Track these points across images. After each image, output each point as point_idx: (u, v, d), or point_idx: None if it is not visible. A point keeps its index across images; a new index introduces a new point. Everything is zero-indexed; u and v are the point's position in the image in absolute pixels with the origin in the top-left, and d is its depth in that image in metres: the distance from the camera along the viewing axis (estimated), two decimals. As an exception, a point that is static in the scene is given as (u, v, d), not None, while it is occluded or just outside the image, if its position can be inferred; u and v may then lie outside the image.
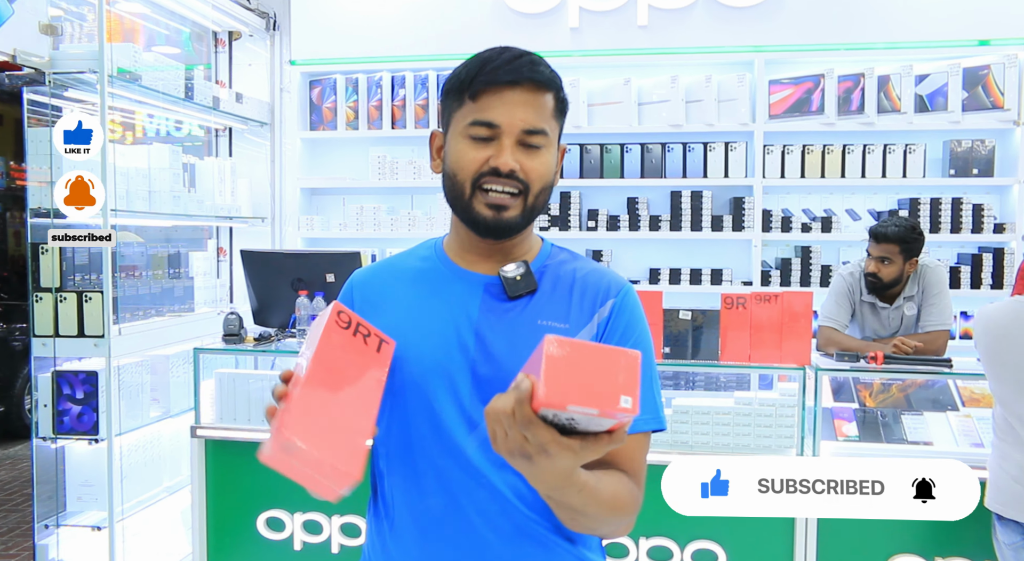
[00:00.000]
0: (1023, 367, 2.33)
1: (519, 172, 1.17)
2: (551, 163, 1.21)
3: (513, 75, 1.16)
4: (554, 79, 1.20)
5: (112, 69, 3.26)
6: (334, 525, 3.11)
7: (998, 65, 4.01)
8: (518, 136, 1.17)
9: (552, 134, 1.20)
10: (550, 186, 1.23)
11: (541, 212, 1.24)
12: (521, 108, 1.16)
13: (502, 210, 1.18)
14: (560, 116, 1.23)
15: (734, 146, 4.25)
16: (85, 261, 3.27)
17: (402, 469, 1.22)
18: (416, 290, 1.26)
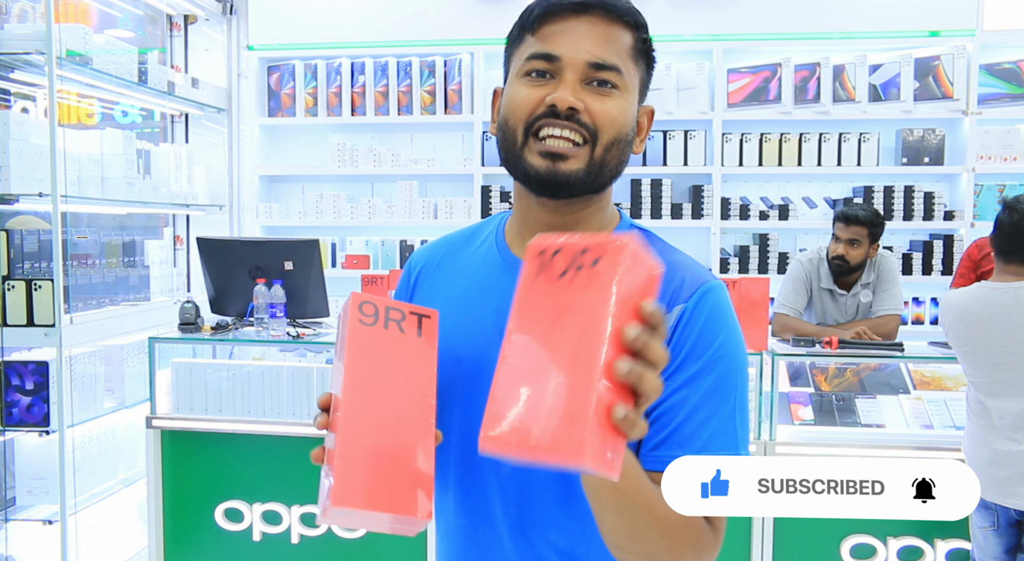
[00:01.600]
0: (995, 351, 2.39)
1: (582, 114, 0.95)
2: (628, 110, 0.98)
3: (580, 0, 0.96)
4: (633, 12, 0.98)
5: (61, 51, 3.17)
6: (294, 515, 3.08)
7: (947, 56, 4.09)
8: (583, 71, 0.95)
9: (629, 77, 0.98)
10: (626, 141, 0.99)
11: (615, 175, 1.00)
12: (588, 39, 0.95)
13: (559, 159, 0.95)
14: (642, 60, 1.00)
15: (693, 134, 4.28)
16: (35, 248, 3.19)
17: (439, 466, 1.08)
18: (465, 282, 1.08)
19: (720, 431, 0.94)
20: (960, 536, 2.77)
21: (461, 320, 1.05)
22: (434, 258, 1.15)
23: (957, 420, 2.94)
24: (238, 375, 3.15)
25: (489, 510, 1.05)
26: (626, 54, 0.97)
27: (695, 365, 0.94)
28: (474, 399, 1.04)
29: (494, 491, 1.05)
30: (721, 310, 0.97)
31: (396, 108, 4.45)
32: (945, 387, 3.15)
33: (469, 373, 1.04)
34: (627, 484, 0.84)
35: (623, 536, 0.88)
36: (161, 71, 3.95)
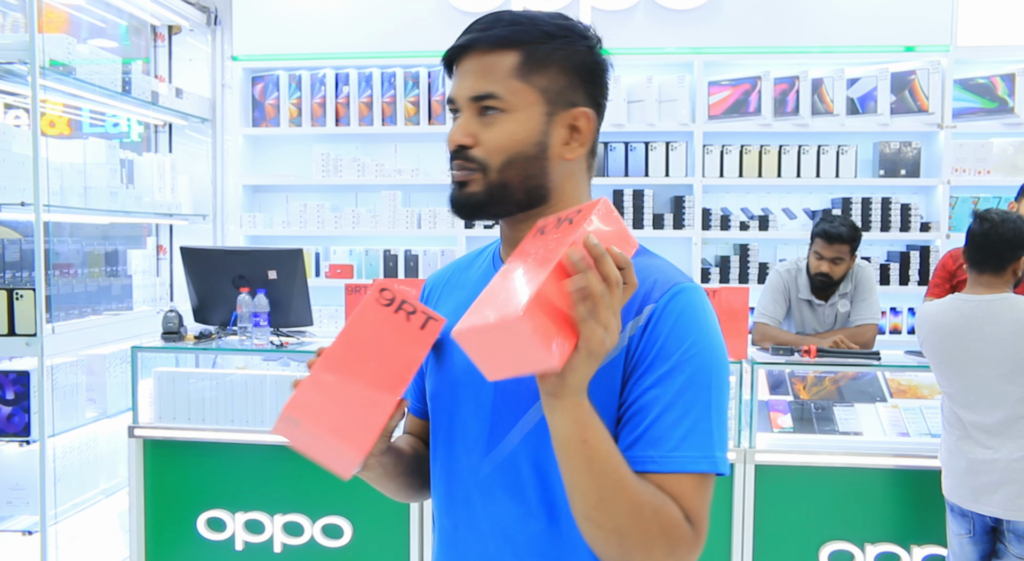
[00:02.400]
0: (968, 363, 2.44)
1: (473, 148, 1.04)
2: (517, 130, 1.03)
3: (460, 41, 1.06)
4: (513, 33, 1.03)
5: (44, 61, 3.17)
6: (276, 524, 3.08)
7: (923, 70, 4.17)
8: (469, 106, 1.04)
9: (514, 96, 1.02)
10: (527, 157, 1.03)
11: (531, 188, 1.05)
12: (470, 75, 1.04)
13: (462, 186, 1.05)
14: (537, 73, 1.03)
15: (675, 146, 4.33)
16: (16, 258, 3.18)
17: (436, 477, 1.16)
18: (465, 294, 1.13)
19: (693, 431, 0.94)
20: (936, 542, 2.82)
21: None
22: (442, 278, 1.24)
23: (933, 428, 2.99)
24: (221, 384, 3.15)
25: (472, 514, 1.08)
26: (508, 75, 1.02)
27: (665, 365, 0.95)
28: (463, 407, 1.09)
29: (476, 497, 1.08)
30: (693, 311, 0.98)
31: (380, 118, 4.47)
32: (921, 395, 3.20)
33: (461, 381, 1.08)
34: (596, 442, 0.89)
35: (592, 504, 0.90)
36: (145, 81, 3.96)
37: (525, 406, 1.03)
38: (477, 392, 1.06)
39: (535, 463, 1.03)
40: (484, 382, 1.00)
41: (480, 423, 1.06)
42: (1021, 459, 2.35)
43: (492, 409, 1.05)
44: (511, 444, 1.04)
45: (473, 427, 1.07)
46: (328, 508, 3.06)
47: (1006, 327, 2.39)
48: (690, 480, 0.94)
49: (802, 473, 2.89)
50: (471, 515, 1.08)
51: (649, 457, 0.94)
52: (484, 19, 1.06)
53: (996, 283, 2.47)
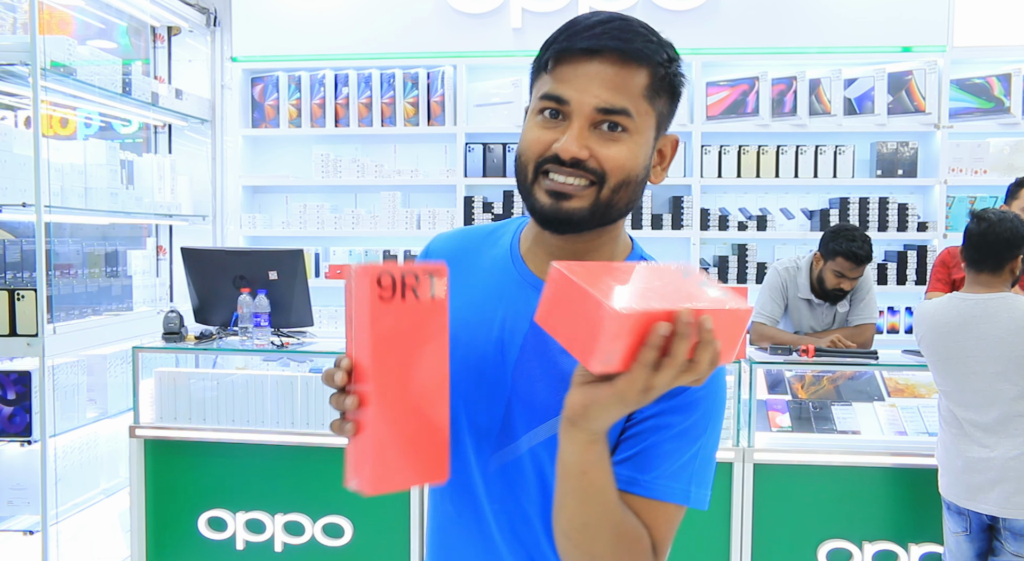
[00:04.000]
0: (964, 361, 2.45)
1: (588, 161, 0.96)
2: (638, 153, 0.98)
3: (592, 42, 0.96)
4: (648, 50, 0.97)
5: (45, 62, 3.18)
6: (277, 524, 3.10)
7: (920, 71, 4.19)
8: (591, 116, 0.96)
9: (640, 118, 0.97)
10: (638, 181, 1.00)
11: (625, 211, 1.02)
12: (598, 82, 0.95)
13: (563, 198, 0.98)
14: (659, 97, 0.99)
15: (673, 146, 4.34)
16: (17, 258, 3.19)
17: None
18: (484, 283, 1.10)
19: (686, 467, 0.97)
20: (933, 540, 2.83)
21: (470, 321, 1.07)
22: (454, 249, 1.16)
23: (930, 426, 3.01)
24: (222, 384, 3.17)
25: (476, 504, 1.09)
26: (639, 95, 0.97)
27: (679, 397, 0.96)
28: (469, 396, 1.08)
29: (481, 489, 1.09)
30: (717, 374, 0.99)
31: (379, 119, 4.49)
32: (918, 394, 3.22)
33: (470, 374, 1.07)
34: (596, 476, 0.90)
35: (576, 527, 0.92)
36: (145, 82, 3.97)
37: (540, 416, 1.02)
38: (494, 388, 1.06)
39: (539, 476, 1.04)
40: (503, 380, 1.02)
41: (491, 419, 1.06)
42: (1017, 457, 2.37)
43: (507, 409, 1.05)
44: (519, 449, 1.05)
45: (484, 422, 1.07)
46: (329, 508, 3.08)
47: (1003, 326, 2.41)
48: (666, 509, 0.97)
49: (800, 472, 2.90)
50: (475, 504, 1.09)
51: (634, 479, 0.96)
52: (611, 24, 0.97)
53: (994, 282, 2.48)
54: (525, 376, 1.04)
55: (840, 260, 3.25)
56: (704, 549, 2.90)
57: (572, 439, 0.88)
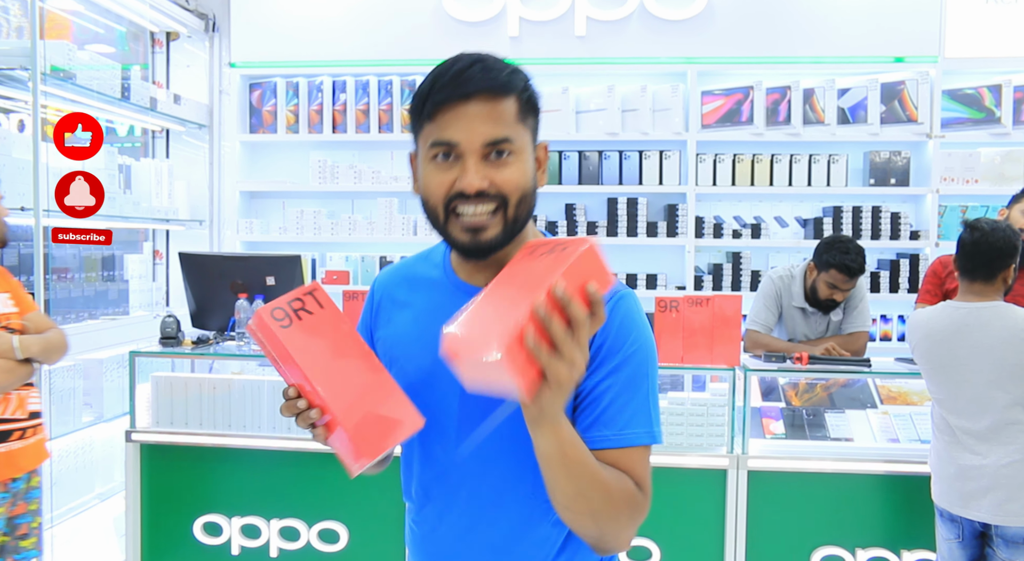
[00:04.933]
0: (957, 369, 2.48)
1: (490, 188, 1.10)
2: (526, 169, 1.13)
3: (464, 88, 1.09)
4: (512, 81, 1.11)
5: (45, 67, 3.19)
6: (273, 529, 3.10)
7: (912, 81, 4.24)
8: (480, 151, 1.09)
9: (520, 139, 1.12)
10: (530, 191, 1.15)
11: (526, 220, 1.16)
12: (478, 121, 1.09)
13: (479, 232, 1.12)
14: (528, 116, 1.15)
15: (668, 154, 4.38)
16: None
17: (405, 480, 1.31)
18: (422, 300, 1.25)
19: (638, 413, 1.13)
20: (926, 547, 2.86)
21: (416, 336, 1.23)
22: (392, 282, 1.33)
23: (923, 434, 3.04)
24: (218, 389, 3.17)
25: (449, 490, 1.23)
26: (513, 121, 1.12)
27: (614, 360, 1.13)
28: (432, 403, 1.20)
29: (453, 476, 1.22)
30: (631, 314, 1.16)
31: (377, 126, 4.51)
32: (911, 402, 3.25)
33: (423, 382, 1.20)
34: (574, 452, 1.04)
35: (572, 497, 1.06)
36: (143, 87, 3.98)
37: (491, 404, 1.14)
38: (445, 389, 1.18)
39: (507, 450, 1.18)
40: (451, 380, 1.11)
41: (448, 417, 1.20)
42: (1009, 465, 2.39)
43: (459, 405, 1.19)
44: (480, 435, 1.18)
45: (442, 420, 1.20)
46: (324, 513, 3.08)
47: (996, 334, 2.43)
48: (638, 452, 1.13)
49: (794, 479, 2.93)
50: (448, 491, 1.23)
51: (604, 436, 1.12)
52: (473, 68, 1.10)
53: (987, 291, 2.51)
54: None
55: (833, 272, 3.27)
56: (698, 555, 2.91)
57: (541, 433, 1.02)
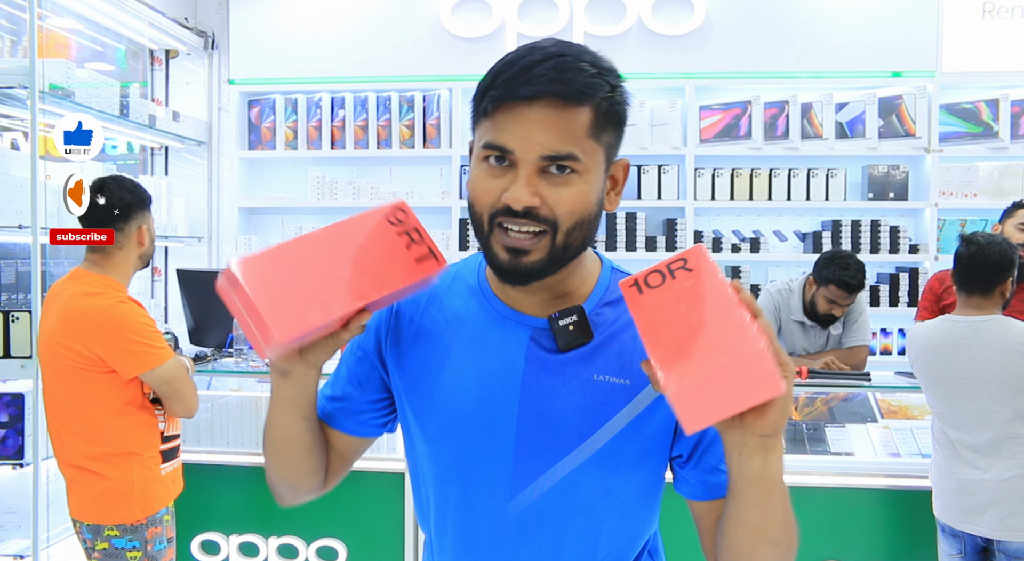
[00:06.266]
0: (957, 383, 2.47)
1: (540, 209, 0.94)
2: (589, 192, 0.96)
3: (528, 89, 0.92)
4: (592, 87, 0.93)
5: (44, 85, 3.20)
6: (271, 547, 3.08)
7: (910, 95, 4.25)
8: (536, 163, 0.93)
9: (588, 157, 0.95)
10: (589, 219, 0.97)
11: (582, 248, 1.00)
12: (540, 129, 0.92)
13: (521, 254, 0.95)
14: (604, 131, 0.96)
15: (667, 169, 4.39)
16: (12, 280, 3.19)
17: (436, 525, 1.12)
18: (457, 330, 1.07)
19: None
20: (928, 562, 2.83)
21: (457, 373, 1.05)
22: (419, 298, 1.12)
23: (923, 448, 3.02)
24: (216, 406, 3.16)
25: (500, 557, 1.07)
26: (583, 135, 0.94)
27: None
28: (479, 448, 1.05)
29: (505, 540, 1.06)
30: None
31: (375, 142, 4.52)
32: (911, 416, 3.23)
33: (469, 426, 1.05)
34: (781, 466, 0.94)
35: (781, 525, 0.98)
36: (142, 104, 3.99)
37: (555, 449, 1.02)
38: (494, 433, 1.04)
39: (574, 505, 1.03)
40: (501, 423, 1.02)
41: (500, 465, 1.04)
42: (1011, 479, 2.38)
43: (515, 451, 1.03)
44: (542, 487, 1.02)
45: (492, 469, 1.04)
46: (323, 530, 3.06)
47: (995, 348, 2.42)
48: None
49: (795, 494, 2.87)
50: (495, 550, 1.07)
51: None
52: (547, 63, 0.93)
53: (985, 305, 2.50)
54: (534, 410, 1.02)
55: (832, 288, 3.26)
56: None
57: (774, 449, 0.90)
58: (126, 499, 2.35)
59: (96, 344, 2.25)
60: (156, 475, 2.40)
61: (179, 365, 2.35)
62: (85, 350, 2.26)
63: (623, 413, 1.00)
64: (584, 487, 1.02)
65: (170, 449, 2.49)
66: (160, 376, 2.29)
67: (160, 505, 2.41)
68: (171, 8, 4.34)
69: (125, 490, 2.35)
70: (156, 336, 2.31)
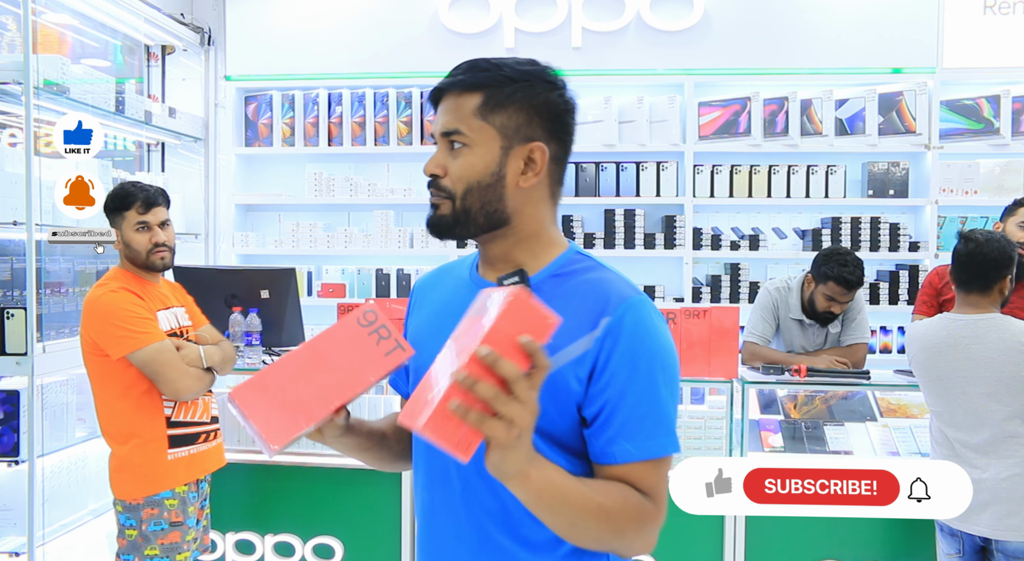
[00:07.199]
0: (955, 382, 2.45)
1: (443, 178, 1.19)
2: (476, 163, 1.17)
3: (443, 84, 1.21)
4: (481, 79, 1.17)
5: (38, 81, 3.18)
6: (267, 544, 3.07)
7: (910, 92, 4.23)
8: (441, 141, 1.20)
9: (476, 132, 1.17)
10: (483, 185, 1.17)
11: (491, 213, 1.19)
12: (442, 114, 1.20)
13: (435, 209, 1.21)
14: (495, 113, 1.17)
15: (665, 166, 4.37)
16: (8, 277, 3.18)
17: (418, 457, 1.29)
18: (444, 296, 1.31)
19: (658, 423, 1.13)
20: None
21: (432, 329, 1.26)
22: (427, 283, 1.39)
23: (922, 447, 3.01)
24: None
25: (449, 490, 1.22)
26: (471, 115, 1.17)
27: (626, 369, 1.12)
28: None
29: (454, 477, 1.21)
30: (643, 320, 1.14)
31: (373, 138, 4.50)
32: (911, 414, 3.22)
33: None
34: (551, 493, 1.04)
35: (564, 530, 1.08)
36: (138, 101, 3.98)
37: None
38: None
39: None
40: None
41: None
42: (1008, 479, 2.36)
43: None
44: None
45: None
46: (319, 528, 3.05)
47: (993, 347, 2.41)
48: (656, 463, 1.13)
49: (793, 492, 2.89)
50: (448, 491, 1.21)
51: (626, 451, 1.12)
52: (462, 65, 1.20)
53: (983, 303, 2.49)
54: None
55: (831, 284, 3.25)
56: (697, 571, 2.88)
57: (510, 486, 1.01)
58: (126, 478, 2.55)
59: (91, 329, 2.50)
60: (159, 459, 2.54)
61: (161, 349, 2.48)
62: (87, 335, 2.52)
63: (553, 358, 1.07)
64: None
65: (184, 435, 2.59)
66: (140, 358, 2.46)
67: (161, 487, 2.54)
68: (167, 4, 4.32)
69: (127, 469, 2.54)
70: (141, 322, 2.48)
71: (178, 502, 2.57)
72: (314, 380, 1.11)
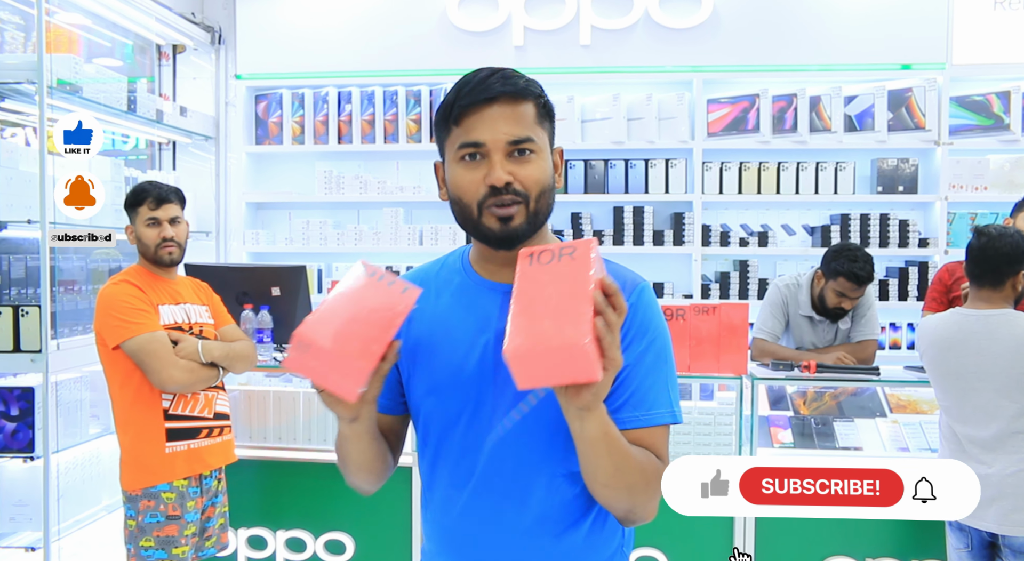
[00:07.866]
0: (964, 377, 2.45)
1: (514, 183, 1.21)
2: (545, 167, 1.24)
3: (487, 92, 1.21)
4: (529, 87, 1.24)
5: (52, 80, 3.21)
6: (279, 540, 3.09)
7: (919, 88, 4.22)
8: (505, 149, 1.20)
9: (540, 139, 1.24)
10: (549, 189, 1.26)
11: (547, 215, 1.27)
12: (502, 121, 1.21)
13: (508, 221, 1.22)
14: (545, 121, 1.27)
15: (674, 163, 4.37)
16: (22, 275, 3.21)
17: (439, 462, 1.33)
18: (445, 301, 1.32)
19: (662, 393, 1.24)
20: (937, 557, 2.82)
21: (445, 334, 1.29)
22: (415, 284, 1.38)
23: (932, 443, 3.01)
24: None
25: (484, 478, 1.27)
26: (533, 122, 1.23)
27: (640, 345, 1.23)
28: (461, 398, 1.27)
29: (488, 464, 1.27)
30: (652, 303, 1.28)
31: (382, 136, 4.52)
32: (921, 410, 3.22)
33: (455, 377, 1.27)
34: (615, 432, 1.15)
35: (611, 474, 1.16)
36: (150, 100, 4.00)
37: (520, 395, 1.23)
38: (478, 384, 1.26)
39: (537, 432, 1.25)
40: (482, 375, 1.25)
41: (482, 407, 1.26)
42: (1015, 474, 2.36)
43: (493, 397, 1.26)
44: (512, 420, 1.25)
45: (476, 411, 1.27)
46: (331, 524, 3.07)
47: (1004, 343, 2.41)
48: (660, 430, 1.24)
49: (803, 488, 2.89)
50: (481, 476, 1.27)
51: (635, 417, 1.22)
52: (495, 76, 1.23)
53: (995, 298, 2.48)
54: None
55: (841, 280, 3.25)
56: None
57: (592, 416, 1.10)
58: (127, 468, 2.60)
59: (96, 320, 2.58)
60: (156, 451, 2.56)
61: (151, 339, 2.52)
62: (95, 327, 2.59)
63: None
64: (542, 419, 1.24)
65: (183, 429, 2.60)
66: (130, 348, 2.51)
67: (158, 480, 2.56)
68: (178, 3, 4.34)
69: (126, 459, 2.61)
70: (135, 313, 2.53)
71: (176, 496, 2.58)
72: (355, 331, 1.13)
